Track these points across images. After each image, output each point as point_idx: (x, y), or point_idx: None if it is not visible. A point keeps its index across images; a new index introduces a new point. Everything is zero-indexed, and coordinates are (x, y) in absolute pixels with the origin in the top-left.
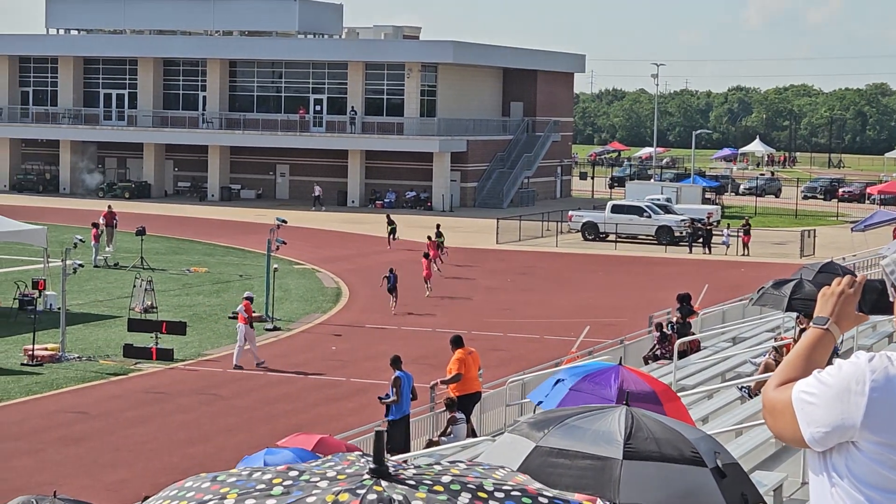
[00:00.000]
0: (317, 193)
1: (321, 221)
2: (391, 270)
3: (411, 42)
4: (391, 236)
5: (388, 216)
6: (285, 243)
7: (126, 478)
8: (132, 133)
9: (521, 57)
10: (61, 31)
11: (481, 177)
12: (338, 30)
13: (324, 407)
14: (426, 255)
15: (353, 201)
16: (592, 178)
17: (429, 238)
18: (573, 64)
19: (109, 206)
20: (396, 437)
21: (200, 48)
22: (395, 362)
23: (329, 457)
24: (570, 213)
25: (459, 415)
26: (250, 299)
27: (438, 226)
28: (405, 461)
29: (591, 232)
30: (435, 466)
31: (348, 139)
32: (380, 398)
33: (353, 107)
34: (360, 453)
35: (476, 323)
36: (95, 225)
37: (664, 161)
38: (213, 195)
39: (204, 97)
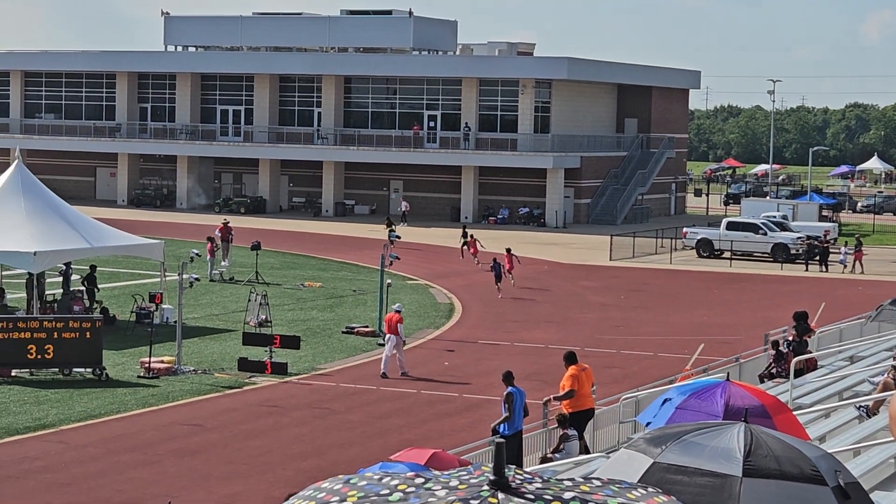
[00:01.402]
0: (403, 209)
1: (435, 237)
2: (494, 260)
3: (525, 58)
4: (464, 248)
5: (463, 227)
6: (399, 258)
7: (239, 491)
8: (248, 149)
9: (636, 73)
10: (179, 48)
11: (595, 193)
12: (452, 46)
13: (436, 422)
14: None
15: (466, 217)
16: (707, 194)
17: (507, 251)
18: (688, 80)
19: (225, 221)
20: (509, 453)
21: (316, 65)
22: (508, 378)
23: (465, 467)
24: (685, 229)
25: (572, 431)
26: (399, 311)
27: (465, 226)
28: (538, 475)
29: (706, 249)
30: (565, 482)
31: (462, 155)
32: (494, 429)
33: (466, 123)
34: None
35: (589, 339)
36: (211, 240)
37: (780, 178)
38: (327, 210)
39: (319, 113)
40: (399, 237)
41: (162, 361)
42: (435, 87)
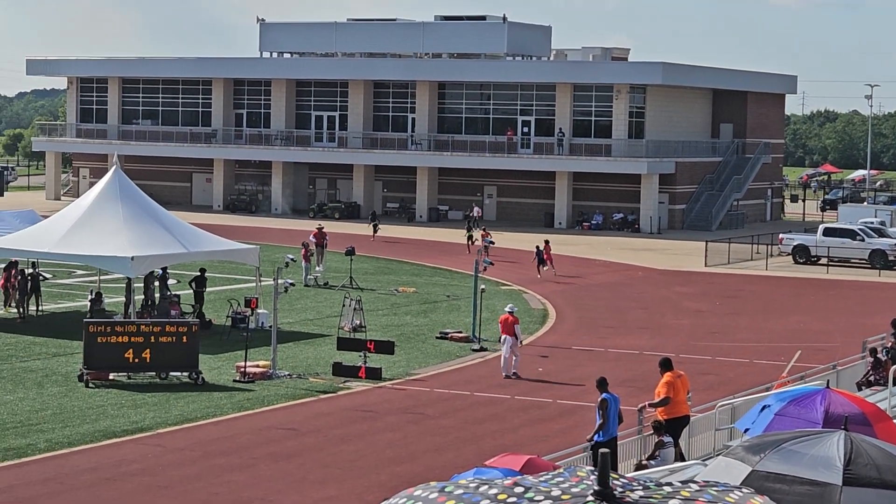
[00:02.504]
0: (474, 214)
1: (529, 243)
2: (538, 248)
3: (620, 63)
4: (470, 241)
5: (468, 222)
6: (492, 264)
7: (334, 495)
8: (342, 154)
9: (732, 78)
10: (274, 55)
11: (690, 199)
12: (546, 52)
13: (530, 428)
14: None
15: (560, 223)
16: (804, 200)
17: (545, 242)
18: (784, 85)
19: (320, 226)
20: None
21: (410, 71)
22: (602, 384)
23: (558, 472)
24: (781, 235)
25: (667, 438)
26: (512, 312)
27: (484, 228)
28: (636, 480)
29: (803, 255)
30: (665, 488)
31: (556, 161)
32: (590, 440)
33: (560, 128)
34: (592, 469)
35: (684, 346)
36: (306, 245)
37: (878, 184)
38: (421, 216)
39: (413, 119)
40: (493, 243)
41: (257, 366)
42: (529, 92)
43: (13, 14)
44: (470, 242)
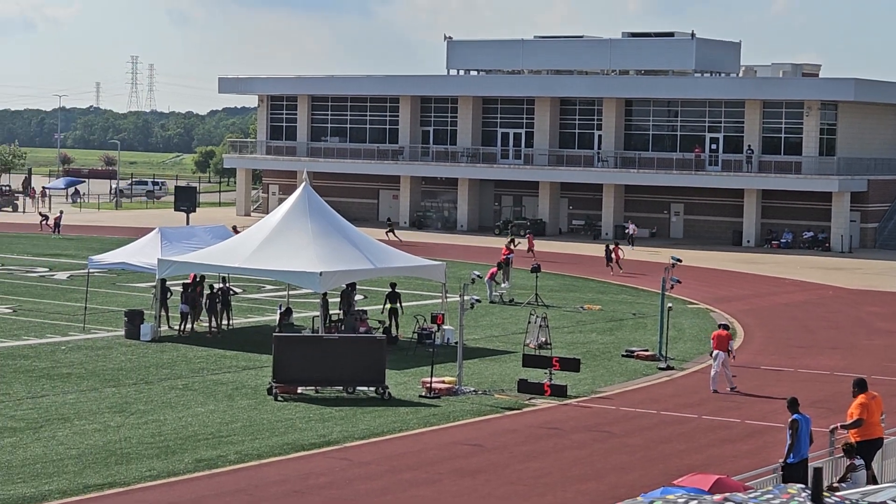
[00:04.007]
0: (630, 231)
1: (715, 261)
2: (607, 246)
3: (810, 80)
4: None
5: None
6: (680, 282)
7: None
8: (528, 171)
9: None
10: (461, 72)
11: (882, 217)
12: (735, 68)
13: (717, 448)
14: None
15: (748, 241)
16: None
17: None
18: None
19: (510, 242)
20: (794, 481)
21: (596, 88)
22: (793, 405)
23: (766, 489)
24: None
25: (859, 461)
26: (726, 328)
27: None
28: (847, 499)
29: None
30: None
31: (744, 178)
32: (783, 464)
33: (749, 145)
34: (802, 486)
35: (877, 367)
36: (505, 264)
37: None
38: (606, 233)
39: (599, 136)
40: (680, 260)
41: (443, 381)
42: (717, 109)
43: (206, 34)
44: (512, 246)
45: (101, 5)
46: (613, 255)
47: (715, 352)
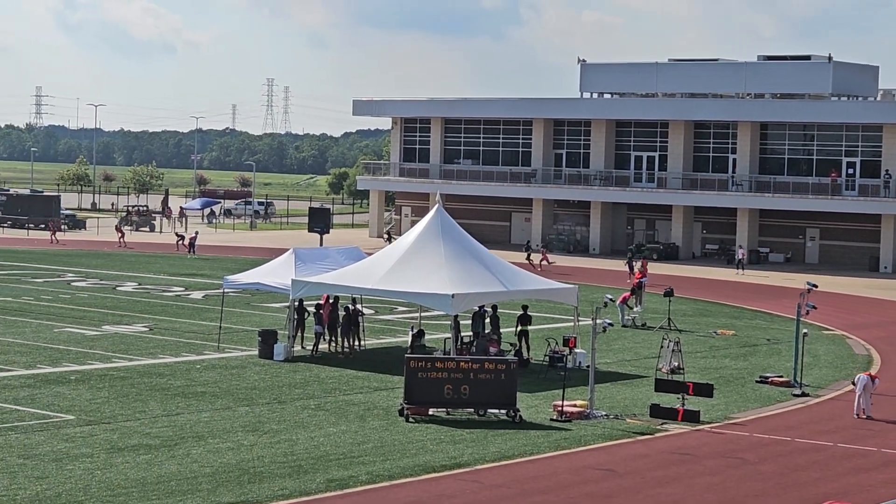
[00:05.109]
0: (740, 256)
1: (852, 287)
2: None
3: None
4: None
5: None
6: (815, 308)
7: None
8: (661, 195)
9: None
10: (594, 95)
11: None
12: (873, 92)
13: (853, 476)
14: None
15: (885, 267)
16: None
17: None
18: None
19: (642, 263)
20: None
21: (731, 111)
22: None
23: None
24: None
25: None
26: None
27: (528, 241)
28: None
29: None
30: None
31: (882, 203)
32: None
33: (887, 170)
34: None
35: None
36: (637, 289)
37: None
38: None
39: (734, 160)
40: (815, 286)
41: (574, 405)
42: (854, 133)
43: (341, 56)
44: (529, 262)
45: (238, 29)
46: (642, 267)
47: (858, 376)
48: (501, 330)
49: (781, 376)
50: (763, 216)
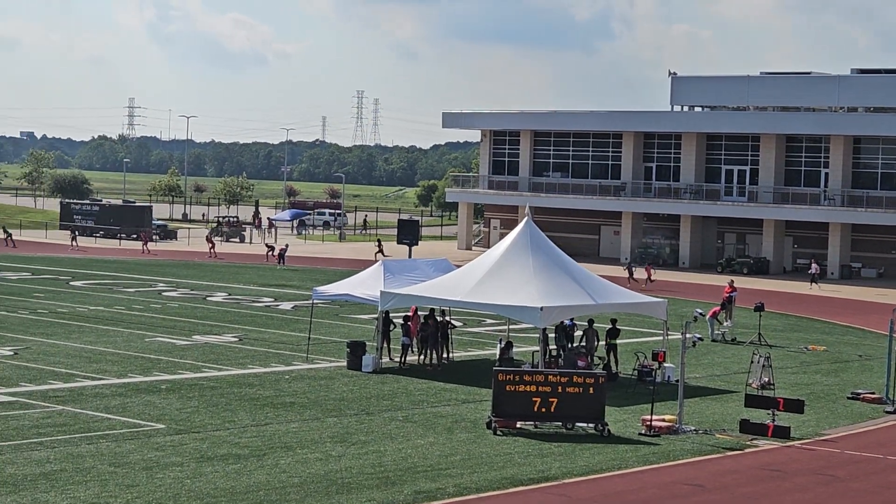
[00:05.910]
0: (813, 271)
1: None
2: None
3: None
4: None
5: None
6: None
7: None
8: (752, 209)
9: None
10: (685, 108)
11: None
12: None
13: None
14: None
15: None
16: None
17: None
18: None
19: (731, 281)
20: None
21: (824, 125)
22: None
23: None
24: None
25: None
26: None
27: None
28: None
29: None
30: None
31: None
32: None
33: None
34: None
35: None
36: (726, 303)
37: None
38: (832, 273)
39: (826, 174)
40: None
41: (663, 420)
42: None
43: (430, 69)
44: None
45: (328, 41)
46: (647, 273)
47: None
48: (582, 344)
49: (873, 393)
50: (855, 231)
